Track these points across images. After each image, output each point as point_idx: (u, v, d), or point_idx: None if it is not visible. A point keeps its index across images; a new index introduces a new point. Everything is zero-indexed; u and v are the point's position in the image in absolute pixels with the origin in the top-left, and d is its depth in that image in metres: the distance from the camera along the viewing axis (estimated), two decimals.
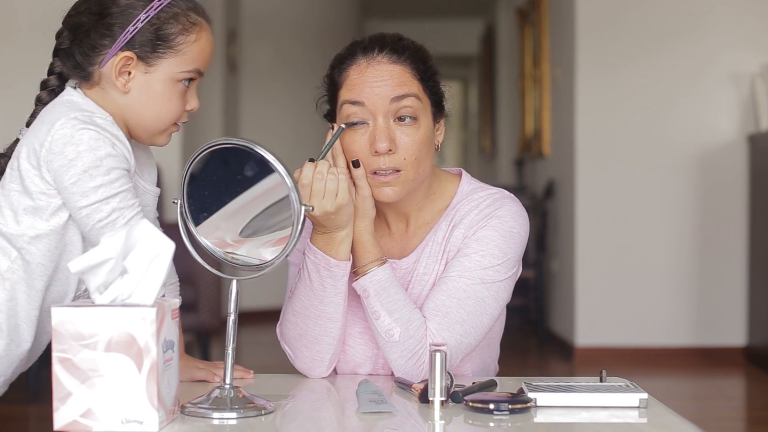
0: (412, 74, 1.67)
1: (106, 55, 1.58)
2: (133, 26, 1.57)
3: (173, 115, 1.62)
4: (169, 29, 1.58)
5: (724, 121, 5.60)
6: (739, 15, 5.60)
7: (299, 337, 1.72)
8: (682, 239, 5.61)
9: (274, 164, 1.42)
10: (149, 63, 1.59)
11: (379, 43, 1.69)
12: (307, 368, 1.74)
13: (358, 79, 1.66)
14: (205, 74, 1.69)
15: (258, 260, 1.48)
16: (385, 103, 1.65)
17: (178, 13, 1.59)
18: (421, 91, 1.68)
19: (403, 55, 1.68)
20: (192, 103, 1.65)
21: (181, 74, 1.61)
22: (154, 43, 1.58)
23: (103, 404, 1.28)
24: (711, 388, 5.05)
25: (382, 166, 1.65)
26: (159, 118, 1.61)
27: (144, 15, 1.57)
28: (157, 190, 1.71)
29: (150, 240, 1.32)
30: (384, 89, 1.65)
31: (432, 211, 1.78)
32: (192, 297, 4.69)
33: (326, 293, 1.68)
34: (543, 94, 6.65)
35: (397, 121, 1.66)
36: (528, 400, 1.44)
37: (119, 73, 1.59)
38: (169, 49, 1.59)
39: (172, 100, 1.61)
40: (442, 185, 1.80)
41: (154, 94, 1.60)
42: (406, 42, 1.71)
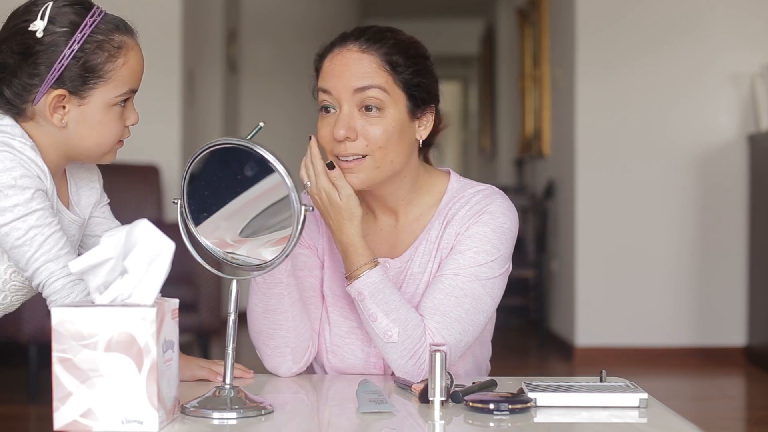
0: (381, 65, 1.67)
1: (37, 94, 1.57)
2: (59, 64, 1.55)
3: (114, 138, 1.62)
4: (95, 60, 1.57)
5: (724, 121, 5.60)
6: (739, 15, 5.60)
7: (257, 335, 1.74)
8: (682, 239, 5.61)
9: (274, 164, 1.42)
10: (82, 96, 1.58)
11: (357, 33, 1.70)
12: (274, 366, 1.75)
13: (329, 67, 1.69)
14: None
15: (258, 260, 1.48)
16: (348, 92, 1.66)
17: (101, 40, 1.57)
18: (390, 83, 1.67)
19: (375, 45, 1.68)
20: (131, 118, 1.63)
21: (115, 99, 1.59)
22: (83, 77, 1.56)
23: (103, 404, 1.28)
24: (711, 388, 5.05)
25: (342, 152, 1.67)
26: (100, 145, 1.61)
27: (68, 51, 1.55)
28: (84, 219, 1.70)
29: (150, 240, 1.32)
30: (348, 79, 1.67)
31: (421, 207, 1.78)
32: (192, 297, 4.69)
33: (266, 285, 1.69)
34: (543, 94, 6.65)
35: (363, 111, 1.67)
36: (528, 400, 1.44)
37: (53, 110, 1.58)
38: (99, 78, 1.57)
39: (110, 124, 1.60)
40: (431, 180, 1.80)
41: (91, 124, 1.59)
42: (389, 33, 1.70)
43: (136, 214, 4.53)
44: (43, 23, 1.56)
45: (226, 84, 6.80)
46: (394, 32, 1.72)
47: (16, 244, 1.54)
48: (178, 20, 5.64)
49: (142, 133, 6.08)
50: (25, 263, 1.55)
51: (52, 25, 1.56)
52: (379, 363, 1.76)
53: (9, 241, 1.55)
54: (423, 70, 1.71)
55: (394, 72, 1.67)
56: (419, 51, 1.73)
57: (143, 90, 1.63)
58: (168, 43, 5.62)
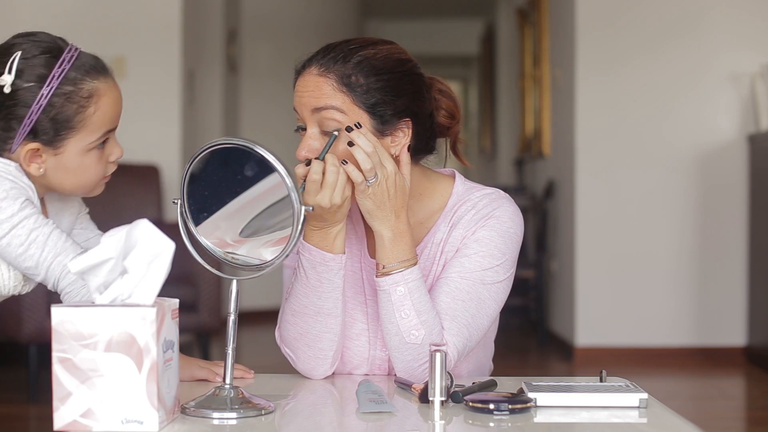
0: (338, 88, 1.64)
1: (12, 145, 1.56)
2: (28, 119, 1.54)
3: (96, 178, 1.62)
4: (65, 112, 1.55)
5: (724, 121, 5.60)
6: (739, 15, 5.60)
7: (300, 336, 1.71)
8: (682, 239, 5.61)
9: (274, 164, 1.42)
10: (56, 146, 1.57)
11: (320, 54, 1.69)
12: (310, 368, 1.73)
13: (296, 88, 1.69)
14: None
15: (258, 260, 1.48)
16: (309, 113, 1.66)
17: (70, 92, 1.55)
18: (349, 104, 1.64)
19: (335, 66, 1.65)
20: (114, 154, 1.63)
21: (91, 145, 1.58)
22: (55, 128, 1.55)
23: (103, 404, 1.28)
24: (711, 388, 5.05)
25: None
26: (82, 186, 1.62)
27: (36, 106, 1.54)
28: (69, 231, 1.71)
29: (150, 240, 1.32)
30: (306, 99, 1.66)
31: (424, 211, 1.78)
32: (192, 297, 4.69)
33: (323, 289, 1.68)
34: (543, 94, 6.65)
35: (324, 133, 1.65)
36: (528, 400, 1.44)
37: (30, 160, 1.57)
38: (71, 129, 1.56)
39: (90, 167, 1.60)
40: (433, 185, 1.80)
41: (70, 170, 1.59)
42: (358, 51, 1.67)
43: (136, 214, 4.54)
44: (11, 77, 1.54)
45: (226, 84, 6.80)
46: (365, 48, 1.68)
47: (20, 252, 1.54)
48: (178, 20, 5.64)
49: (142, 133, 6.13)
50: (35, 266, 1.55)
51: (20, 79, 1.54)
52: (383, 365, 1.75)
53: (12, 251, 1.54)
54: (391, 87, 1.67)
55: (352, 92, 1.64)
56: (388, 65, 1.68)
57: (143, 90, 1.63)
58: (168, 43, 5.62)
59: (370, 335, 1.75)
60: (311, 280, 1.67)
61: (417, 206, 1.77)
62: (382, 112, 1.66)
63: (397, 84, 1.68)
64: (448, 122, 1.81)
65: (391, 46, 1.71)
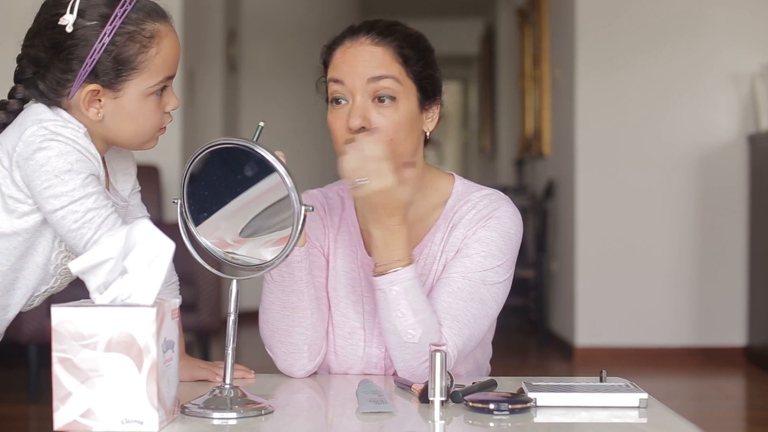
0: (394, 57, 1.68)
1: (72, 89, 1.56)
2: (91, 58, 1.54)
3: (154, 126, 1.60)
4: (127, 52, 1.55)
5: (724, 121, 5.60)
6: (739, 15, 5.60)
7: (272, 333, 1.72)
8: (682, 239, 5.61)
9: (274, 164, 1.42)
10: (116, 89, 1.56)
11: (367, 26, 1.71)
12: (288, 365, 1.73)
13: (341, 59, 1.69)
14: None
15: (258, 260, 1.48)
16: (363, 82, 1.66)
17: (132, 31, 1.55)
18: (403, 74, 1.68)
19: (387, 38, 1.69)
20: (171, 103, 1.61)
21: (151, 89, 1.58)
22: (116, 69, 1.55)
23: (103, 404, 1.28)
24: (711, 388, 5.05)
25: None
26: (139, 134, 1.60)
27: (99, 45, 1.53)
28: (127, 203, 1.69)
29: (150, 240, 1.32)
30: (362, 69, 1.67)
31: (426, 207, 1.79)
32: (192, 297, 4.69)
33: (285, 283, 1.68)
34: (543, 94, 6.66)
35: (376, 101, 1.66)
36: (528, 400, 1.44)
37: (88, 104, 1.56)
38: (133, 70, 1.55)
39: (148, 114, 1.59)
40: (435, 181, 1.80)
41: (129, 115, 1.58)
42: (398, 27, 1.72)
43: None
44: (73, 17, 1.54)
45: (226, 84, 6.80)
46: (401, 26, 1.73)
47: (73, 228, 1.53)
48: (178, 20, 5.59)
49: None
50: (83, 246, 1.53)
51: (82, 18, 1.54)
52: (380, 363, 1.76)
53: (65, 224, 1.53)
54: (431, 63, 1.73)
55: (406, 64, 1.69)
56: (426, 45, 1.75)
57: None
58: None
59: (366, 333, 1.75)
60: (273, 275, 1.68)
61: (420, 199, 1.78)
62: (426, 86, 1.71)
63: (434, 63, 1.74)
64: None
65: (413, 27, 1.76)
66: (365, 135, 1.63)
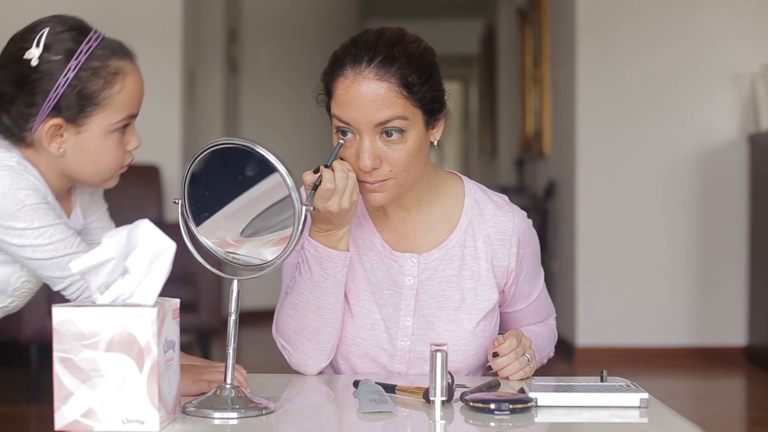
0: (398, 93, 1.63)
1: (35, 123, 1.56)
2: (54, 93, 1.54)
3: (114, 164, 1.61)
4: (91, 87, 1.55)
5: (724, 121, 5.60)
6: (740, 15, 5.60)
7: (299, 329, 1.73)
8: (683, 239, 5.61)
9: (275, 164, 1.42)
10: (79, 124, 1.56)
11: (369, 54, 1.63)
12: (304, 360, 1.75)
13: (345, 96, 1.63)
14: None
15: (259, 260, 1.48)
16: (370, 126, 1.63)
17: (97, 67, 1.56)
18: (409, 107, 1.64)
19: (391, 69, 1.63)
20: (133, 142, 1.62)
21: (113, 126, 1.58)
22: (80, 104, 1.55)
23: (104, 404, 1.28)
24: (711, 388, 5.05)
25: (369, 180, 1.65)
26: (100, 171, 1.61)
27: (63, 79, 1.54)
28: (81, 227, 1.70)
29: (151, 240, 1.32)
30: (367, 113, 1.62)
31: (440, 207, 1.80)
32: (192, 297, 4.69)
33: (327, 284, 1.69)
34: (543, 94, 6.65)
35: (383, 136, 1.64)
36: (529, 400, 1.44)
37: (51, 138, 1.57)
38: (96, 106, 1.56)
39: (109, 151, 1.59)
40: (443, 181, 1.82)
41: (90, 151, 1.58)
42: (401, 48, 1.65)
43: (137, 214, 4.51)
44: (38, 51, 1.55)
45: (226, 84, 6.80)
46: (403, 44, 1.67)
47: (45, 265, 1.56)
48: (178, 20, 5.64)
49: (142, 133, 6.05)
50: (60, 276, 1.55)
51: (48, 53, 1.55)
52: (405, 357, 1.77)
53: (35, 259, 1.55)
54: (434, 81, 1.69)
55: (411, 94, 1.64)
56: (429, 61, 1.69)
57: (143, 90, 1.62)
58: (168, 43, 5.62)
59: (389, 325, 1.77)
60: (315, 275, 1.69)
61: (433, 200, 1.79)
62: (431, 107, 1.69)
63: (437, 77, 1.71)
64: None
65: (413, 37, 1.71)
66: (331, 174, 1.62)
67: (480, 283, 1.79)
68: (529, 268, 1.86)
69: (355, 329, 1.77)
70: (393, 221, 1.80)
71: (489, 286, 1.79)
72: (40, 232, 1.55)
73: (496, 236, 1.80)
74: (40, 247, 1.55)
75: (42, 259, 1.56)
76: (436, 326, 1.76)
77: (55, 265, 1.56)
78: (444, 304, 1.77)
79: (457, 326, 1.77)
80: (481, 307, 1.78)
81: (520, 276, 1.83)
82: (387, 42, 1.65)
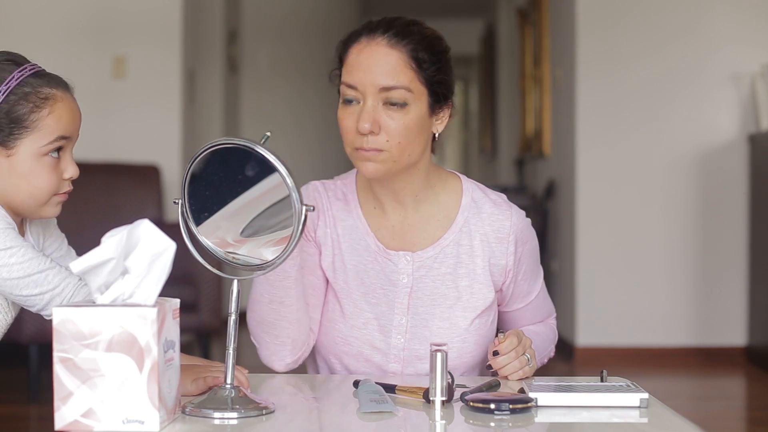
0: (408, 63, 1.68)
1: None
2: None
3: (49, 189, 1.62)
4: (20, 110, 1.58)
5: (724, 120, 5.60)
6: (740, 15, 5.60)
7: (258, 323, 1.78)
8: (683, 239, 5.61)
9: (275, 164, 1.42)
10: (8, 146, 1.59)
11: (385, 25, 1.70)
12: (269, 354, 1.78)
13: (355, 61, 1.69)
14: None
15: (259, 260, 1.48)
16: (375, 89, 1.67)
17: (27, 92, 1.58)
18: (415, 81, 1.68)
19: (403, 41, 1.69)
20: (69, 171, 1.64)
21: (44, 148, 1.60)
22: (9, 126, 1.58)
23: (104, 404, 1.28)
24: (711, 388, 5.05)
25: (365, 145, 1.68)
26: (34, 196, 1.62)
27: None
28: None
29: (152, 240, 1.32)
30: (374, 77, 1.67)
31: (437, 205, 1.81)
32: (192, 297, 4.69)
33: (275, 277, 1.72)
34: (543, 94, 6.65)
35: (386, 105, 1.67)
36: (529, 400, 1.44)
37: None
38: (25, 129, 1.58)
39: (42, 175, 1.61)
40: (442, 179, 1.83)
41: (22, 175, 1.60)
42: (415, 27, 1.72)
43: (137, 214, 4.52)
44: None
45: (226, 84, 6.80)
46: (419, 26, 1.73)
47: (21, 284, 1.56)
48: (178, 20, 5.64)
49: (142, 133, 6.12)
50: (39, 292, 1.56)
51: None
52: (399, 355, 1.77)
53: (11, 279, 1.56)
54: (445, 67, 1.73)
55: (420, 69, 1.68)
56: (442, 46, 1.74)
57: (143, 90, 1.63)
58: (168, 43, 5.62)
59: (383, 323, 1.77)
60: None
61: (431, 198, 1.80)
62: (439, 91, 1.72)
63: (449, 64, 1.75)
64: None
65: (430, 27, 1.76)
66: None
67: (476, 281, 1.79)
68: (528, 266, 1.86)
69: (347, 329, 1.78)
70: (391, 219, 1.80)
71: (485, 284, 1.79)
72: (12, 251, 1.56)
73: (493, 234, 1.80)
74: (15, 266, 1.56)
75: (18, 278, 1.57)
76: (430, 324, 1.77)
77: (33, 283, 1.57)
78: (439, 302, 1.78)
79: (452, 323, 1.77)
80: (476, 305, 1.78)
81: (518, 275, 1.83)
82: (404, 21, 1.73)
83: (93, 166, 5.18)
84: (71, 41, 5.50)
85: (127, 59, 5.56)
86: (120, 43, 5.55)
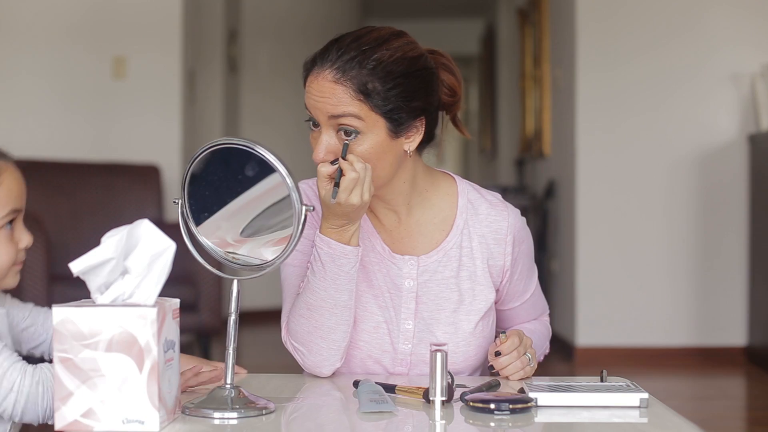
0: (354, 96, 1.62)
1: None
2: None
3: (6, 262, 1.62)
4: None
5: (724, 121, 5.60)
6: (740, 14, 5.60)
7: (314, 330, 1.71)
8: (683, 239, 5.61)
9: (275, 164, 1.42)
10: None
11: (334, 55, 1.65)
12: (319, 361, 1.73)
13: (309, 88, 1.67)
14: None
15: (259, 260, 1.48)
16: (324, 117, 1.65)
17: None
18: (365, 110, 1.63)
19: (350, 73, 1.63)
20: (23, 240, 1.64)
21: None
22: None
23: (104, 404, 1.28)
24: (711, 388, 5.05)
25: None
26: None
27: None
28: None
29: (152, 240, 1.32)
30: (323, 106, 1.64)
31: (432, 209, 1.80)
32: (192, 297, 4.69)
33: (341, 281, 1.68)
34: (543, 94, 6.66)
35: (341, 133, 1.65)
36: (529, 400, 1.44)
37: None
38: None
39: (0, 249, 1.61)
40: (435, 184, 1.82)
41: None
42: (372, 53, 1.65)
43: (137, 214, 4.52)
44: None
45: (226, 84, 6.81)
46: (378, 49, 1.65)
47: None
48: (178, 20, 5.64)
49: (142, 133, 6.12)
50: None
51: None
52: (406, 360, 1.77)
53: None
54: (406, 90, 1.66)
55: (369, 99, 1.63)
56: (405, 68, 1.67)
57: (144, 90, 1.63)
58: (168, 43, 5.62)
59: (391, 328, 1.77)
60: (329, 273, 1.67)
61: (424, 202, 1.79)
62: (398, 116, 1.66)
63: (412, 86, 1.67)
64: (450, 99, 1.81)
65: (402, 43, 1.68)
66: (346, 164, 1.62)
67: (477, 283, 1.79)
68: (524, 266, 1.86)
69: (357, 333, 1.77)
70: (386, 224, 1.80)
71: (486, 285, 1.79)
72: None
73: (491, 235, 1.80)
74: None
75: None
76: (435, 329, 1.76)
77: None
78: (443, 306, 1.77)
79: (457, 328, 1.77)
80: (479, 307, 1.78)
81: (515, 274, 1.84)
82: (364, 44, 1.66)
83: (93, 166, 5.18)
84: (72, 42, 5.50)
85: (128, 60, 5.56)
86: (120, 44, 5.56)
